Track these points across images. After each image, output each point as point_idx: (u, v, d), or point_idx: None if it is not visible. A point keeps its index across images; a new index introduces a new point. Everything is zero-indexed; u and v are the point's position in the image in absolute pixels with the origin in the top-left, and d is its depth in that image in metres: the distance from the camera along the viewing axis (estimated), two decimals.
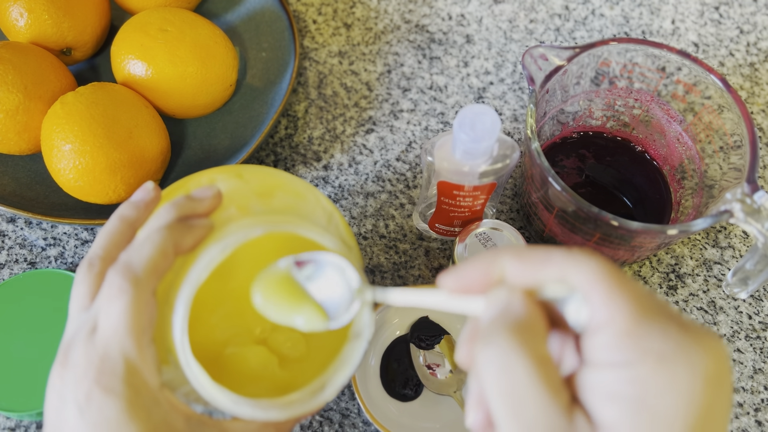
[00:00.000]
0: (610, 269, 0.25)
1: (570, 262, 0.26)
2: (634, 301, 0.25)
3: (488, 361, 0.25)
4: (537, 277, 0.27)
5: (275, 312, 0.33)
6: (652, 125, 0.52)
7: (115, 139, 0.48)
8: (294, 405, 0.33)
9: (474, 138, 0.41)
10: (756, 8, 0.65)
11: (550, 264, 0.26)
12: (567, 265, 0.26)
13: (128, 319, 0.30)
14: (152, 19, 0.52)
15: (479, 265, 0.28)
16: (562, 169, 0.53)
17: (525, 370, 0.24)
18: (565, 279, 0.26)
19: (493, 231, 0.48)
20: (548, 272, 0.26)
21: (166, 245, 0.32)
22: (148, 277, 0.31)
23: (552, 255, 0.26)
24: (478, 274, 0.28)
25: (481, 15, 0.65)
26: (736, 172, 0.44)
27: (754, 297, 0.53)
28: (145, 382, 0.31)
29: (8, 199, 0.52)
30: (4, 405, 0.47)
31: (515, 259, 0.27)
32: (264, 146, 0.58)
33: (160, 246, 0.32)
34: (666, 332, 0.24)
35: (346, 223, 0.39)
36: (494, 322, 0.26)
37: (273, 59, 0.59)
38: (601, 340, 0.25)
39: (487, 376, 0.25)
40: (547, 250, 0.27)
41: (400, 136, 0.59)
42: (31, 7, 0.52)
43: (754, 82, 0.62)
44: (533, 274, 0.27)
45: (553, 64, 0.46)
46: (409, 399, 0.48)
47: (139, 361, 0.30)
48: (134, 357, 0.30)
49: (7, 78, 0.49)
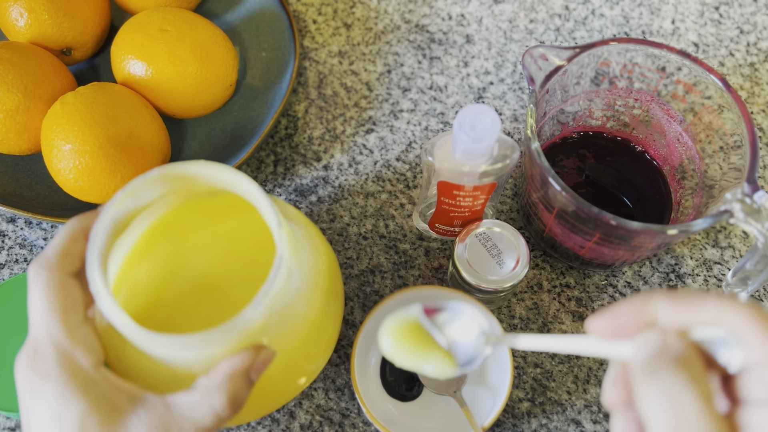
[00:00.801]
0: (762, 313, 0.27)
1: (724, 305, 0.27)
2: None
3: (656, 394, 0.26)
4: (691, 319, 0.28)
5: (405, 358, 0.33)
6: (652, 125, 0.52)
7: (115, 139, 0.48)
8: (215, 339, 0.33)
9: (474, 138, 0.41)
10: (756, 8, 0.65)
11: (705, 307, 0.27)
12: (721, 308, 0.27)
13: (46, 302, 0.32)
14: (152, 19, 0.52)
15: (632, 307, 0.29)
16: (562, 169, 0.53)
17: (694, 404, 0.25)
18: (719, 321, 0.27)
19: (493, 231, 0.48)
20: (702, 315, 0.28)
21: (75, 230, 0.35)
22: (61, 260, 0.34)
23: (706, 299, 0.28)
24: (631, 317, 0.29)
25: (481, 15, 0.65)
26: (736, 172, 0.44)
27: (754, 297, 0.53)
28: (78, 364, 0.32)
29: (8, 199, 0.52)
30: (4, 405, 0.47)
31: (669, 301, 0.28)
32: (264, 146, 0.58)
33: (69, 231, 0.35)
34: None
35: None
36: (657, 358, 0.27)
37: (273, 59, 0.59)
38: (758, 378, 0.26)
39: (653, 409, 0.26)
40: (701, 293, 0.28)
41: (400, 136, 0.59)
42: (31, 7, 0.52)
43: (754, 82, 0.62)
44: (687, 316, 0.28)
45: (553, 64, 0.46)
46: (409, 399, 0.48)
47: (68, 343, 0.32)
48: (62, 340, 0.32)
49: (7, 78, 0.49)
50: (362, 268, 0.54)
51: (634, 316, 0.29)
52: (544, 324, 0.52)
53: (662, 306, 0.28)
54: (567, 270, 0.54)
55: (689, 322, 0.28)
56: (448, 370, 0.33)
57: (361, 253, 0.54)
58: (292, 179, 0.57)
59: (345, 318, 0.52)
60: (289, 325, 0.37)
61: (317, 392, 0.50)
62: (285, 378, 0.39)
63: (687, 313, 0.28)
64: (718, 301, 0.27)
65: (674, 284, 0.53)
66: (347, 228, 0.55)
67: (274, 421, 0.49)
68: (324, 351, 0.42)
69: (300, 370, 0.40)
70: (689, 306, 0.28)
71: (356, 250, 0.54)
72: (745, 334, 0.27)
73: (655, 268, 0.54)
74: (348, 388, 0.50)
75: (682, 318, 0.28)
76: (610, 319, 0.29)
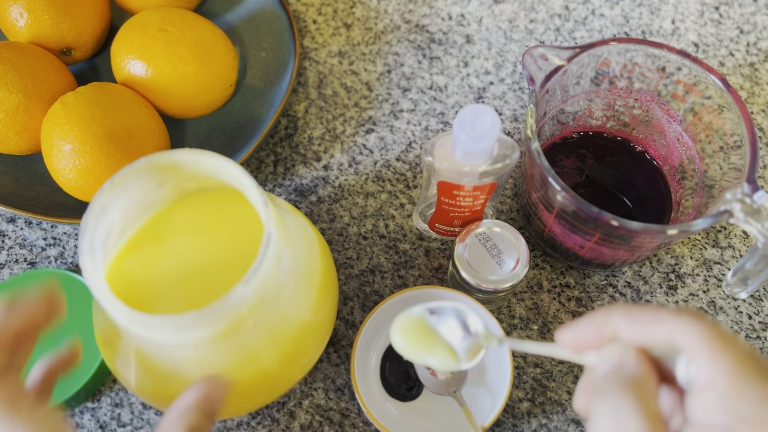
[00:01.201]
0: (715, 331, 0.27)
1: (677, 324, 0.27)
2: (736, 363, 0.26)
3: (602, 413, 0.27)
4: (647, 337, 0.28)
5: (413, 352, 0.36)
6: (652, 125, 0.52)
7: (115, 139, 0.48)
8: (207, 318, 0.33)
9: (474, 138, 0.41)
10: (756, 8, 0.65)
11: (659, 325, 0.28)
12: (674, 327, 0.27)
13: None
14: (152, 19, 0.52)
15: (594, 323, 0.30)
16: (562, 169, 0.53)
17: (636, 426, 0.26)
18: (673, 340, 0.27)
19: (493, 231, 0.48)
20: (657, 333, 0.28)
21: None
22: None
23: (660, 316, 0.28)
24: (592, 332, 0.30)
25: (481, 15, 0.65)
26: (736, 172, 0.44)
27: (754, 297, 0.53)
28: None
29: (8, 199, 0.52)
30: None
31: (626, 319, 0.29)
32: (264, 146, 0.58)
33: None
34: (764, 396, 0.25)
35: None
36: (608, 377, 0.28)
37: (273, 59, 0.59)
38: (703, 400, 0.26)
39: (600, 427, 0.27)
40: (656, 310, 0.28)
41: (400, 136, 0.59)
42: (31, 7, 0.52)
43: (754, 82, 0.62)
44: (643, 334, 0.28)
45: (553, 64, 0.46)
46: (409, 399, 0.48)
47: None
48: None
49: (7, 78, 0.49)
50: (362, 268, 0.54)
51: (595, 331, 0.30)
52: (544, 324, 0.52)
53: (620, 323, 0.29)
54: (567, 270, 0.54)
55: (645, 339, 0.28)
56: (452, 365, 0.35)
57: (361, 253, 0.54)
58: (292, 179, 0.57)
59: (345, 318, 0.52)
60: (281, 309, 0.37)
61: (317, 392, 0.50)
62: (278, 368, 0.39)
63: (643, 331, 0.28)
64: (672, 319, 0.27)
65: (674, 284, 0.53)
66: (347, 228, 0.55)
67: (274, 421, 0.49)
68: (318, 342, 0.42)
69: (293, 360, 0.40)
70: (645, 323, 0.28)
71: (356, 250, 0.54)
72: (695, 354, 0.27)
73: (655, 268, 0.54)
74: (348, 388, 0.50)
75: (639, 335, 0.28)
76: (575, 333, 0.30)
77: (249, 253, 0.40)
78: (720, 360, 0.26)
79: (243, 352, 0.37)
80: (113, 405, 0.49)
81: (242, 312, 0.34)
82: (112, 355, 0.38)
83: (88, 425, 0.48)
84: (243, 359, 0.37)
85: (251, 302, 0.35)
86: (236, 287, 0.33)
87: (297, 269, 0.39)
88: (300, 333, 0.39)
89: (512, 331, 0.52)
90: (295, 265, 0.39)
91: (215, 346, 0.35)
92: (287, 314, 0.38)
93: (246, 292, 0.33)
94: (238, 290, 0.33)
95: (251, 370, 0.38)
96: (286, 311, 0.38)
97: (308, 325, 0.40)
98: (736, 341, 0.27)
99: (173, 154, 0.37)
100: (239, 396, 0.38)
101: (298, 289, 0.39)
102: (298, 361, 0.41)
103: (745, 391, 0.25)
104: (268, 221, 0.35)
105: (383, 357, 0.49)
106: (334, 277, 0.44)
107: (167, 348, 0.35)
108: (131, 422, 0.49)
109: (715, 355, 0.26)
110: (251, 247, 0.40)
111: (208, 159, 0.37)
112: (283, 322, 0.38)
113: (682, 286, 0.53)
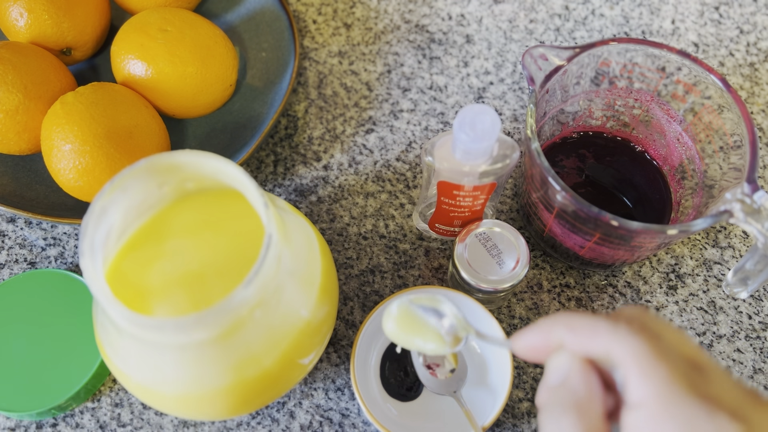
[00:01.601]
0: (649, 348, 0.26)
1: (612, 338, 0.27)
2: (666, 383, 0.26)
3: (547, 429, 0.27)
4: (586, 349, 0.28)
5: (405, 337, 0.38)
6: (652, 125, 0.52)
7: (115, 139, 0.48)
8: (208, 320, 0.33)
9: (474, 138, 0.41)
10: (756, 8, 0.65)
11: (597, 338, 0.28)
12: (610, 341, 0.27)
13: None
14: (152, 19, 0.52)
15: (539, 332, 0.30)
16: (562, 169, 0.53)
17: None
18: (609, 354, 0.27)
19: (493, 231, 0.48)
20: (595, 346, 0.28)
21: None
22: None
23: (598, 328, 0.28)
24: (539, 341, 0.30)
25: (481, 15, 0.65)
26: (736, 172, 0.44)
27: (754, 297, 0.53)
28: None
29: (8, 199, 0.52)
30: (4, 405, 0.47)
31: (567, 330, 0.29)
32: (264, 146, 0.58)
33: None
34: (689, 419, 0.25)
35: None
36: (554, 394, 0.28)
37: (273, 59, 0.59)
38: (633, 419, 0.26)
39: None
40: (595, 322, 0.28)
41: (400, 136, 0.59)
42: (31, 7, 0.52)
43: (754, 82, 0.62)
44: (583, 346, 0.28)
45: (553, 64, 0.46)
46: (409, 399, 0.48)
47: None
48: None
49: (7, 78, 0.49)
50: (362, 268, 0.54)
51: (542, 340, 0.30)
52: None
53: (563, 333, 0.29)
54: (567, 270, 0.54)
55: (585, 351, 0.28)
56: (441, 348, 0.38)
57: (361, 253, 0.54)
58: (292, 179, 0.57)
59: (345, 318, 0.52)
60: (282, 309, 0.38)
61: (317, 392, 0.50)
62: (278, 369, 0.39)
63: (582, 343, 0.28)
64: (609, 333, 0.27)
65: (674, 284, 0.53)
66: (347, 228, 0.55)
67: (274, 421, 0.49)
68: (318, 342, 0.42)
69: (293, 361, 0.40)
70: (584, 335, 0.28)
71: (356, 250, 0.54)
72: (627, 372, 0.27)
73: (655, 268, 0.54)
74: (348, 388, 0.50)
75: (579, 347, 0.29)
76: (524, 341, 0.31)
77: (249, 253, 0.40)
78: (650, 380, 0.26)
79: (243, 353, 0.37)
80: (113, 405, 0.49)
81: (243, 313, 0.34)
82: (112, 355, 0.38)
83: (88, 425, 0.48)
84: (243, 360, 0.37)
85: (252, 304, 0.35)
86: (237, 289, 0.33)
87: (297, 270, 0.39)
88: (300, 333, 0.39)
89: (512, 331, 0.52)
90: (295, 265, 0.39)
91: (216, 347, 0.35)
92: (287, 315, 0.38)
93: (247, 294, 0.33)
94: (238, 292, 0.33)
95: (251, 370, 0.37)
96: (286, 312, 0.38)
97: (308, 325, 0.40)
98: (670, 358, 0.26)
99: (173, 156, 0.37)
100: (239, 396, 0.38)
101: (299, 289, 0.39)
102: (298, 362, 0.41)
103: (673, 414, 0.25)
104: (268, 223, 0.35)
105: (383, 357, 0.49)
106: (334, 277, 0.44)
107: (167, 349, 0.35)
108: (131, 422, 0.49)
109: (645, 375, 0.26)
110: (251, 247, 0.40)
111: (208, 160, 0.37)
112: (284, 323, 0.38)
113: (682, 286, 0.53)
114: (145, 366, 0.37)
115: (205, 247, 0.42)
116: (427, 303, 0.39)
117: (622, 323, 0.27)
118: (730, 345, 0.51)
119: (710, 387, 0.26)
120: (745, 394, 0.26)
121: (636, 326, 0.27)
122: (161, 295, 0.40)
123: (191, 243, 0.42)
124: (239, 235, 0.42)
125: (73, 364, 0.48)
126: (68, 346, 0.48)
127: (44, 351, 0.48)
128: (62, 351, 0.48)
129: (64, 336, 0.49)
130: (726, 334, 0.52)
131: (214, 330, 0.34)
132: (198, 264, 0.41)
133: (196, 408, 0.39)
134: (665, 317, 0.52)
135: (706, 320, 0.52)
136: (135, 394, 0.40)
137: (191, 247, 0.42)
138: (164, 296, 0.40)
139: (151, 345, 0.35)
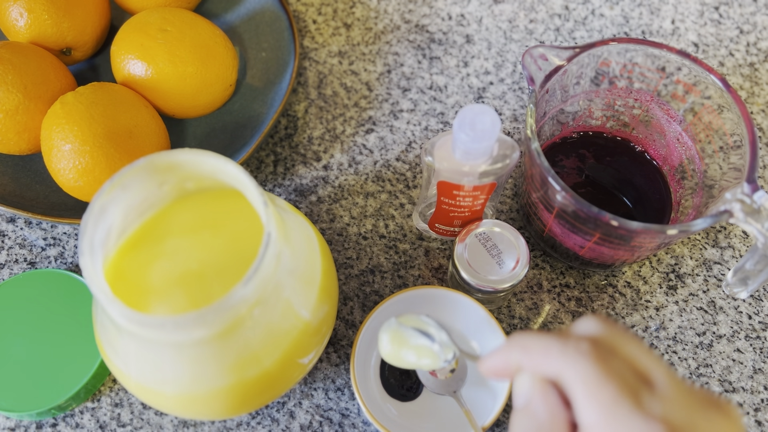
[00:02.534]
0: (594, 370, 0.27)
1: (562, 360, 0.27)
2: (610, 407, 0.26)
3: None
4: (541, 372, 0.29)
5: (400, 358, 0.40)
6: (652, 125, 0.52)
7: (115, 139, 0.48)
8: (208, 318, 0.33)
9: (474, 138, 0.41)
10: (756, 8, 0.65)
11: (549, 359, 0.28)
12: (560, 363, 0.28)
13: None
14: (152, 19, 0.52)
15: (499, 356, 0.30)
16: (562, 169, 0.53)
17: None
18: (559, 377, 0.28)
19: (493, 231, 0.48)
20: (548, 367, 0.28)
21: None
22: None
23: (550, 350, 0.28)
24: (500, 364, 0.31)
25: (481, 15, 0.65)
26: (736, 172, 0.44)
27: (754, 297, 0.53)
28: None
29: (8, 199, 0.52)
30: (4, 405, 0.47)
31: (522, 352, 0.29)
32: (264, 146, 0.58)
33: None
34: None
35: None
36: (518, 420, 0.28)
37: (273, 59, 0.59)
38: None
39: None
40: (547, 343, 0.28)
41: (400, 136, 0.59)
42: (31, 7, 0.52)
43: (754, 82, 0.62)
44: (537, 369, 0.29)
45: (553, 64, 0.46)
46: (409, 399, 0.48)
47: None
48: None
49: (7, 78, 0.49)
50: (362, 268, 0.54)
51: (502, 363, 0.30)
52: (544, 324, 0.52)
53: (519, 357, 0.29)
54: (567, 270, 0.54)
55: (540, 373, 0.29)
56: (435, 363, 0.40)
57: (361, 253, 0.54)
58: (292, 179, 0.57)
59: (345, 318, 0.52)
60: (281, 308, 0.38)
61: (317, 392, 0.50)
62: (278, 368, 0.39)
63: (537, 365, 0.29)
64: (559, 356, 0.28)
65: (674, 284, 0.53)
66: (347, 228, 0.55)
67: (274, 421, 0.49)
68: (317, 342, 0.42)
69: (293, 360, 0.40)
70: (537, 358, 0.28)
71: (356, 250, 0.54)
72: (575, 395, 0.27)
73: (655, 268, 0.54)
74: (348, 388, 0.50)
75: (534, 369, 0.29)
76: (487, 364, 0.31)
77: (249, 252, 0.40)
78: (597, 401, 0.26)
79: (243, 352, 0.37)
80: (113, 405, 0.49)
81: (242, 312, 0.34)
82: (112, 354, 0.38)
83: (88, 425, 0.48)
84: (243, 359, 0.37)
85: (251, 302, 0.35)
86: (236, 287, 0.33)
87: (297, 269, 0.39)
88: (300, 333, 0.39)
89: (512, 331, 0.52)
90: (294, 264, 0.39)
91: (215, 346, 0.35)
92: (287, 314, 0.38)
93: (246, 292, 0.33)
94: (237, 290, 0.33)
95: (251, 370, 0.38)
96: (286, 311, 0.38)
97: (308, 324, 0.40)
98: (617, 377, 0.26)
99: (173, 155, 0.37)
100: (239, 396, 0.38)
101: (298, 288, 0.39)
102: (298, 361, 0.41)
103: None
104: (267, 221, 0.35)
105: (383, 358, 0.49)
106: (334, 277, 0.44)
107: (167, 348, 0.35)
108: (131, 422, 0.49)
109: (591, 398, 0.26)
110: (251, 246, 0.40)
111: (207, 159, 0.37)
112: (283, 322, 0.38)
113: (682, 286, 0.53)
114: (144, 365, 0.37)
115: (205, 246, 0.42)
116: (414, 324, 0.40)
117: (571, 343, 0.28)
118: (730, 345, 0.51)
119: (656, 402, 0.26)
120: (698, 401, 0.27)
121: (585, 345, 0.27)
122: (161, 294, 0.40)
123: (191, 242, 0.42)
124: (239, 235, 0.42)
125: (73, 364, 0.48)
126: (68, 346, 0.48)
127: (44, 351, 0.48)
128: (62, 351, 0.48)
129: (64, 336, 0.49)
130: (726, 334, 0.52)
131: (213, 328, 0.34)
132: (197, 263, 0.41)
133: (195, 408, 0.39)
134: (665, 317, 0.52)
135: (706, 320, 0.52)
136: (135, 394, 0.40)
137: (191, 246, 0.42)
138: (164, 295, 0.40)
139: (151, 344, 0.35)
